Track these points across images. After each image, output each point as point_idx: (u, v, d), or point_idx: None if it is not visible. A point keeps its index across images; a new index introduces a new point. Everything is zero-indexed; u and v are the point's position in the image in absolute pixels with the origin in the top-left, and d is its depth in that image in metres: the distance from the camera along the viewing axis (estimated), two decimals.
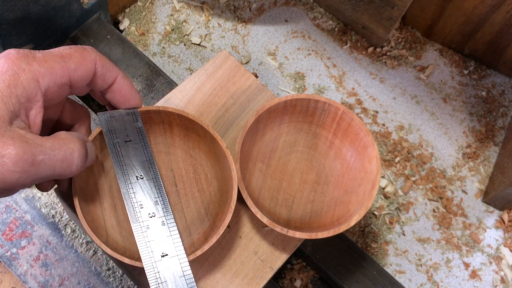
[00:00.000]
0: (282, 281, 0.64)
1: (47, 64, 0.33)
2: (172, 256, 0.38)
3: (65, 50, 0.35)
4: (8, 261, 0.56)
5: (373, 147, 0.44)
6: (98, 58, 0.37)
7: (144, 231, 0.38)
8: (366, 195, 0.44)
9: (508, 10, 0.69)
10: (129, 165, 0.39)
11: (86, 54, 0.36)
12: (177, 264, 0.38)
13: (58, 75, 0.34)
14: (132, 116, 0.41)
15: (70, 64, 0.35)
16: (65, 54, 0.35)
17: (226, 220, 0.40)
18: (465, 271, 0.67)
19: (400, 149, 0.73)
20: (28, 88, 0.32)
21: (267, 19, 0.80)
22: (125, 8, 0.77)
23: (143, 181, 0.39)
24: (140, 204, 0.39)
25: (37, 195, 0.59)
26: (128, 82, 0.39)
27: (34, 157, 0.31)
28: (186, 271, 0.38)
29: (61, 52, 0.35)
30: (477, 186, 0.72)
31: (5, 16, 0.54)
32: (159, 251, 0.38)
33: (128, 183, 0.39)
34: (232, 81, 0.51)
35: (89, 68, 0.36)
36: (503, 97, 0.78)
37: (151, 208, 0.39)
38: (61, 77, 0.34)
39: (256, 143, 0.47)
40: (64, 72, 0.34)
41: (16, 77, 0.32)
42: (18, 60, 0.32)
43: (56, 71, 0.34)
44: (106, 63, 0.37)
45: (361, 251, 0.61)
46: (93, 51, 0.37)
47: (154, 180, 0.40)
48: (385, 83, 0.77)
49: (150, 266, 0.37)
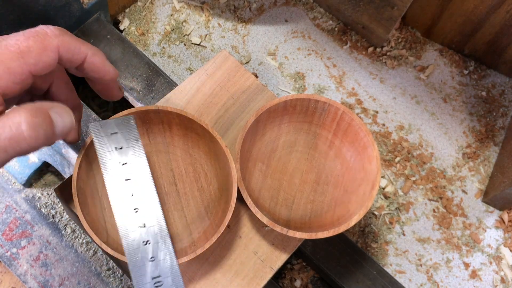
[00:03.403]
0: (282, 281, 0.64)
1: (3, 64, 0.31)
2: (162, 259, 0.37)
3: (23, 43, 0.32)
4: (8, 261, 0.56)
5: (373, 147, 0.44)
6: (61, 43, 0.34)
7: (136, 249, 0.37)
8: (366, 195, 0.44)
9: (508, 10, 0.69)
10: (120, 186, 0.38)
11: (46, 43, 0.33)
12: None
13: (17, 73, 0.32)
14: (128, 129, 0.39)
15: (29, 59, 0.32)
16: (23, 48, 0.32)
17: (226, 218, 0.40)
18: (465, 271, 0.67)
19: (400, 149, 0.73)
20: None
21: (267, 19, 0.80)
22: (125, 8, 0.77)
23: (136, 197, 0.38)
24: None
25: (37, 195, 0.59)
26: (99, 59, 0.37)
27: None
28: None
29: (19, 46, 0.32)
30: (477, 186, 0.72)
31: (5, 16, 0.54)
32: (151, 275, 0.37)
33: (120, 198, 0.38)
34: (232, 81, 0.51)
35: (51, 57, 0.34)
36: (503, 97, 0.78)
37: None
38: (20, 75, 0.32)
39: (256, 143, 0.47)
40: (23, 70, 0.32)
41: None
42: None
43: (14, 70, 0.32)
44: (71, 46, 0.35)
45: (361, 251, 0.61)
46: (55, 36, 0.34)
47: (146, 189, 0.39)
48: (385, 83, 0.77)
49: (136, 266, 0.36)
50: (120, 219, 0.37)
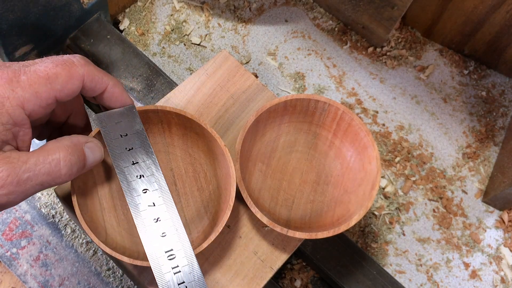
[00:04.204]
0: (282, 281, 0.64)
1: (31, 88, 0.33)
2: (178, 249, 0.38)
3: (52, 69, 0.34)
4: (8, 261, 0.56)
5: (373, 147, 0.44)
6: (86, 73, 0.36)
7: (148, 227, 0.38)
8: (366, 195, 0.44)
9: (508, 10, 0.69)
10: (128, 167, 0.39)
11: (73, 71, 0.35)
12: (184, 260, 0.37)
13: (43, 98, 0.33)
14: (131, 117, 0.41)
15: (56, 85, 0.34)
16: (51, 74, 0.34)
17: (225, 217, 0.40)
18: (465, 271, 0.67)
19: (400, 149, 0.73)
20: (14, 115, 0.32)
21: (267, 19, 0.80)
22: (125, 8, 0.77)
23: (145, 179, 0.39)
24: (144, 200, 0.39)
25: (37, 195, 0.59)
26: (118, 90, 0.39)
27: (19, 177, 0.31)
28: (195, 268, 0.37)
29: (47, 73, 0.34)
30: (477, 186, 0.72)
31: (5, 16, 0.54)
32: (163, 248, 0.37)
33: (130, 183, 0.39)
34: (232, 81, 0.51)
35: (76, 85, 0.35)
36: (503, 97, 0.78)
37: (154, 201, 0.39)
38: (47, 99, 0.34)
39: (256, 143, 0.47)
40: (49, 95, 0.34)
41: (1, 106, 0.31)
42: (2, 87, 0.32)
43: (41, 94, 0.33)
44: (95, 76, 0.37)
45: (361, 251, 0.61)
46: (81, 65, 0.36)
47: (156, 173, 0.40)
48: (385, 83, 0.77)
49: (157, 265, 0.37)
50: (129, 198, 0.38)
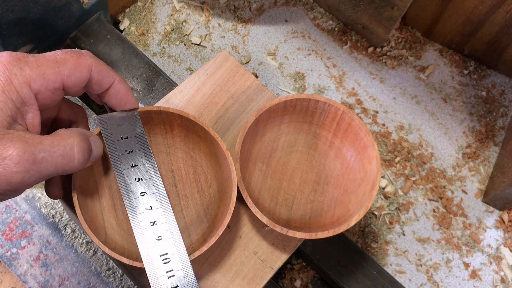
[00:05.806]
0: (282, 281, 0.64)
1: (39, 69, 0.33)
2: (173, 253, 0.38)
3: (60, 55, 0.35)
4: (8, 261, 0.56)
5: (373, 147, 0.44)
6: (94, 64, 0.36)
7: (144, 231, 0.38)
8: (366, 195, 0.44)
9: (508, 10, 0.69)
10: (127, 170, 0.39)
11: (81, 60, 0.35)
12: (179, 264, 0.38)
13: (50, 80, 0.34)
14: (132, 120, 0.41)
15: (63, 70, 0.34)
16: (59, 59, 0.34)
17: (225, 221, 0.40)
18: (465, 271, 0.67)
19: (400, 149, 0.73)
20: (21, 92, 0.32)
21: (267, 19, 0.80)
22: (125, 8, 0.77)
23: (144, 182, 0.40)
24: (142, 203, 0.39)
25: (37, 195, 0.59)
26: (124, 87, 0.39)
27: (35, 156, 0.31)
28: (188, 273, 0.38)
29: (56, 57, 0.34)
30: (477, 186, 0.72)
31: (5, 16, 0.54)
32: (159, 251, 0.38)
33: (128, 185, 0.39)
34: (232, 81, 0.51)
35: (84, 74, 0.36)
36: (503, 97, 0.78)
37: (152, 204, 0.39)
38: (53, 83, 0.34)
39: (256, 143, 0.47)
40: (56, 78, 0.34)
41: (9, 82, 0.32)
42: (10, 64, 0.32)
43: (48, 76, 0.33)
44: (102, 69, 0.37)
45: (361, 251, 0.61)
46: (89, 56, 0.36)
47: (155, 176, 0.40)
48: (385, 83, 0.77)
49: (151, 268, 0.37)
50: (126, 200, 0.39)
